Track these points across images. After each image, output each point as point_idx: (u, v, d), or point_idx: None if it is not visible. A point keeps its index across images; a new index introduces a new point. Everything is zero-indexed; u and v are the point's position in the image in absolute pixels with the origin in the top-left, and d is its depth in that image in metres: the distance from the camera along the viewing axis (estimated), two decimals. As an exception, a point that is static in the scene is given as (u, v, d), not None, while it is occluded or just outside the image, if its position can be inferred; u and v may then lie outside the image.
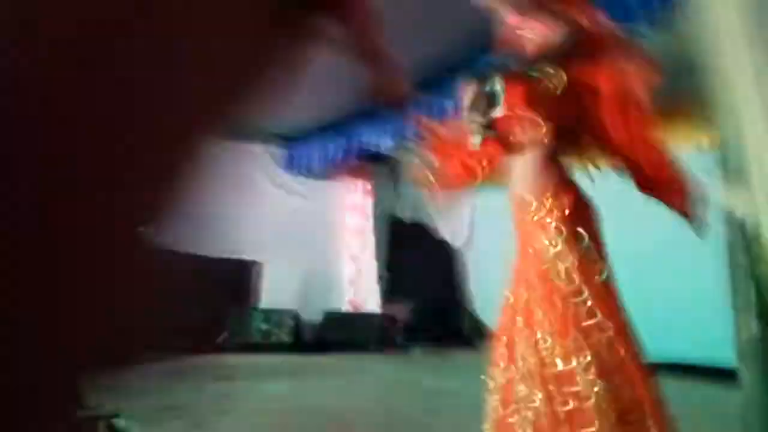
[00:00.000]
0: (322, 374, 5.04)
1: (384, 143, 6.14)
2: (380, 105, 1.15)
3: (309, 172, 7.33)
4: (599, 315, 1.54)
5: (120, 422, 2.75)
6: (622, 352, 1.52)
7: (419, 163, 1.98)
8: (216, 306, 6.87)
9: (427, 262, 7.42)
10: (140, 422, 3.08)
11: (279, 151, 7.55)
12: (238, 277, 7.39)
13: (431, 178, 1.97)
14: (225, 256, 7.00)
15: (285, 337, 6.64)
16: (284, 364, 5.78)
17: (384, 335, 6.75)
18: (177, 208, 0.61)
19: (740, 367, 0.69)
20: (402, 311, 7.39)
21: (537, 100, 1.60)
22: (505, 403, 1.65)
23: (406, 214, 7.32)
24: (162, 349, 6.68)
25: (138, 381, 4.57)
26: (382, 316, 6.88)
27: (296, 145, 7.41)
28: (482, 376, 1.75)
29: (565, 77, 1.54)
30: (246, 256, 7.25)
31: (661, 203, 1.67)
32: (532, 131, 1.66)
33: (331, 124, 6.83)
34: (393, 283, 7.34)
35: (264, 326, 6.64)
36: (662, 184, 1.65)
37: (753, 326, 0.69)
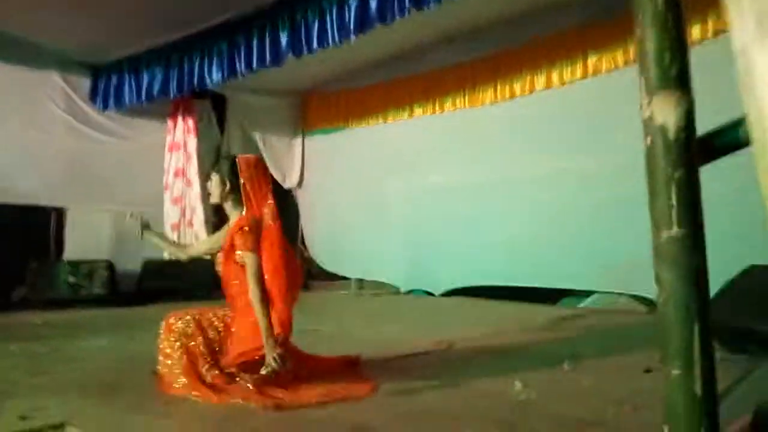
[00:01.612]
0: (145, 326, 4.60)
1: (212, 78, 5.62)
2: None
3: (120, 108, 6.48)
4: None
5: None
6: None
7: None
8: (10, 259, 5.91)
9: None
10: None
11: (83, 81, 6.56)
12: (37, 225, 6.41)
13: None
14: (17, 202, 6.03)
15: (98, 290, 5.98)
16: (99, 318, 5.21)
17: (213, 282, 6.39)
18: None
19: (658, 269, 0.72)
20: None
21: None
22: None
23: (232, 154, 6.90)
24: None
25: None
26: (210, 263, 6.49)
27: (104, 76, 6.49)
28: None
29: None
30: (45, 202, 6.30)
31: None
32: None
33: (149, 52, 6.07)
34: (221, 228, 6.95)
35: (72, 279, 5.89)
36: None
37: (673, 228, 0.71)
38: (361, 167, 7.45)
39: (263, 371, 2.38)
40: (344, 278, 7.66)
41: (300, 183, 8.07)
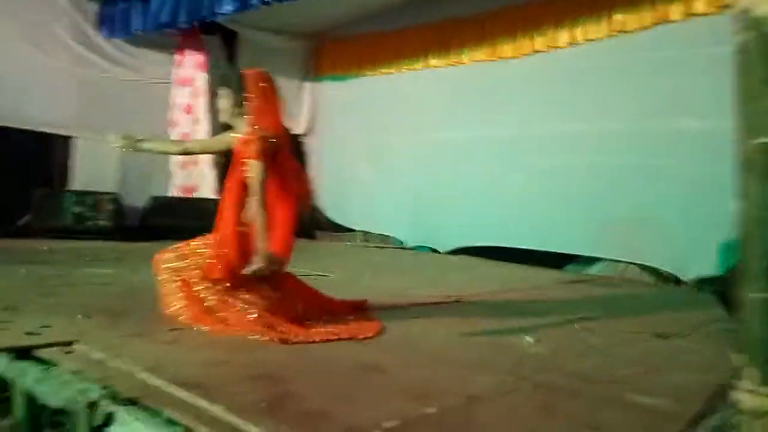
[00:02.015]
0: (149, 260, 4.58)
1: (223, 8, 5.42)
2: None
3: (128, 36, 6.29)
4: None
5: None
6: None
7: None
8: (15, 186, 5.86)
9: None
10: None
11: (91, 8, 6.35)
12: (43, 153, 6.33)
13: None
14: (24, 126, 5.93)
15: (103, 222, 5.93)
16: (104, 249, 5.20)
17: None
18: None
19: (744, 181, 0.64)
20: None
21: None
22: None
23: (240, 70, 6.75)
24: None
25: None
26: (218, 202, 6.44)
27: (112, 2, 6.28)
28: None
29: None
30: (51, 129, 6.20)
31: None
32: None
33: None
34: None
35: (77, 209, 5.84)
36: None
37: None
38: (371, 117, 7.29)
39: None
40: (349, 230, 7.61)
41: (309, 130, 7.94)
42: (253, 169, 2.46)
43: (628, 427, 1.55)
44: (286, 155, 2.62)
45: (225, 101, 2.62)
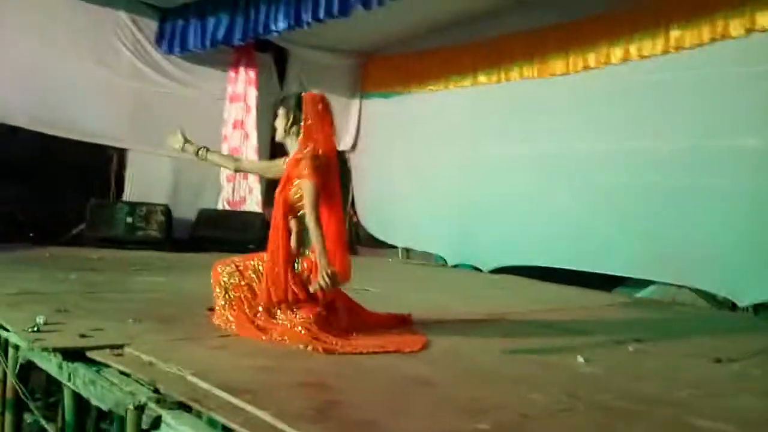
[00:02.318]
0: (198, 270, 4.64)
1: (277, 26, 5.55)
2: None
3: (185, 52, 6.50)
4: None
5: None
6: None
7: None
8: (71, 196, 6.09)
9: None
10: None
11: (150, 24, 6.61)
12: (99, 165, 6.57)
13: None
14: (82, 138, 6.17)
15: (154, 233, 6.08)
16: (155, 259, 5.31)
17: (265, 236, 6.43)
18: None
19: None
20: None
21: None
22: None
23: (298, 91, 6.88)
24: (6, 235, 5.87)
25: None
26: (264, 216, 6.53)
27: (171, 19, 6.52)
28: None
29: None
30: (106, 141, 6.43)
31: None
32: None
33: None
34: (275, 184, 6.96)
35: (129, 220, 6.01)
36: None
37: None
38: (417, 134, 7.29)
39: (312, 288, 2.40)
40: (391, 246, 7.59)
41: (354, 146, 8.00)
42: (305, 189, 2.48)
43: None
44: (335, 175, 2.65)
45: (281, 121, 2.67)
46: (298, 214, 2.59)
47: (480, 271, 6.45)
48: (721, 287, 4.81)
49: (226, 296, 2.55)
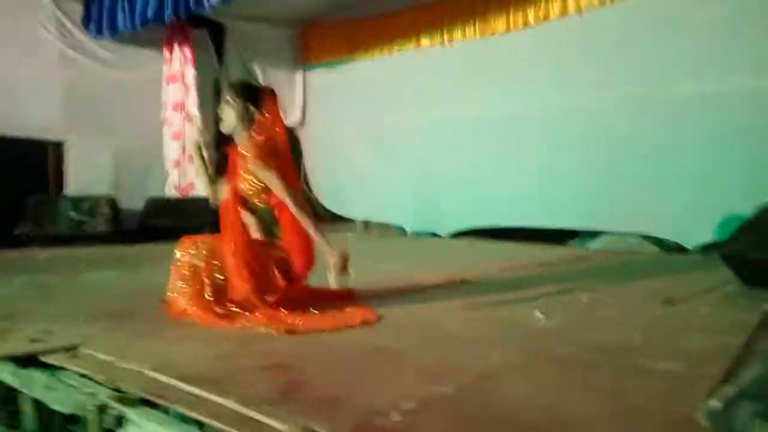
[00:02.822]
0: (150, 262, 4.53)
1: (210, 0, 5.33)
2: None
3: (114, 34, 6.20)
4: None
5: None
6: None
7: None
8: (10, 195, 5.80)
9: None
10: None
11: (74, 6, 6.25)
12: (35, 160, 6.26)
13: None
14: (14, 134, 5.86)
15: (101, 227, 5.88)
16: (104, 254, 5.14)
17: (216, 220, 6.30)
18: None
19: None
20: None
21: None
22: None
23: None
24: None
25: None
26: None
27: (98, 1, 6.18)
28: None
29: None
30: (41, 135, 6.12)
31: None
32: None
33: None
34: (226, 164, 6.80)
35: (74, 215, 5.79)
36: None
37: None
38: (365, 103, 7.23)
39: (333, 282, 2.47)
40: (349, 220, 7.57)
41: (302, 121, 7.87)
42: (270, 181, 2.45)
43: (650, 393, 1.52)
44: (285, 155, 2.60)
45: (230, 111, 2.56)
46: (252, 206, 2.55)
47: (439, 237, 6.53)
48: (669, 232, 5.02)
49: (189, 276, 2.45)
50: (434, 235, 6.61)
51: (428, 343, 2.10)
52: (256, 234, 2.59)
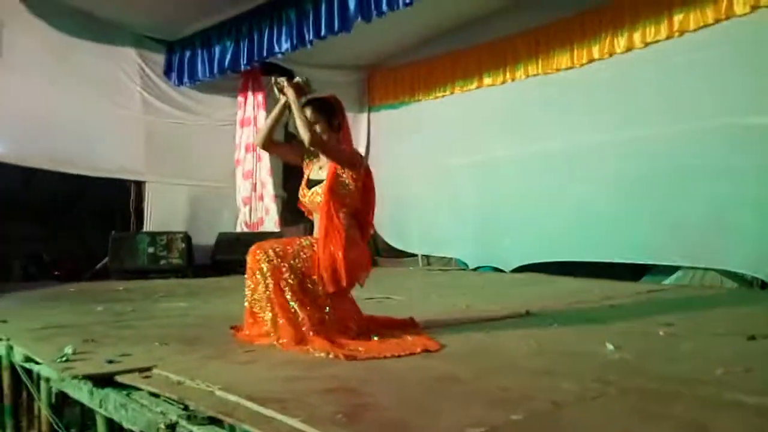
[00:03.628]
0: (220, 293, 4.69)
1: (281, 47, 5.62)
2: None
3: (193, 82, 6.61)
4: None
5: None
6: None
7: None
8: (93, 231, 6.20)
9: (324, 180, 7.15)
10: (27, 341, 2.64)
11: (157, 57, 6.74)
12: (118, 198, 6.68)
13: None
14: (100, 175, 6.29)
15: (175, 260, 6.15)
16: (179, 286, 5.36)
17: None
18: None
19: None
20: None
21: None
22: None
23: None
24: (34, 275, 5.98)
25: (13, 307, 4.01)
26: (282, 235, 6.56)
27: (178, 51, 6.64)
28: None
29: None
30: (124, 176, 6.54)
31: None
32: None
33: (220, 25, 6.15)
34: (291, 203, 7.01)
35: (151, 250, 6.09)
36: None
37: None
38: (427, 141, 7.31)
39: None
40: (411, 255, 7.57)
41: (366, 159, 8.02)
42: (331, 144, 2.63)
43: (738, 426, 1.42)
44: (371, 181, 2.78)
45: (317, 124, 2.65)
46: (343, 210, 2.64)
47: (502, 272, 6.40)
48: (749, 267, 4.72)
49: (263, 280, 2.47)
50: (496, 269, 6.50)
51: (493, 371, 2.04)
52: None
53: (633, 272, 5.47)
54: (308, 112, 2.66)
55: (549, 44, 6.03)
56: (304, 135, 2.55)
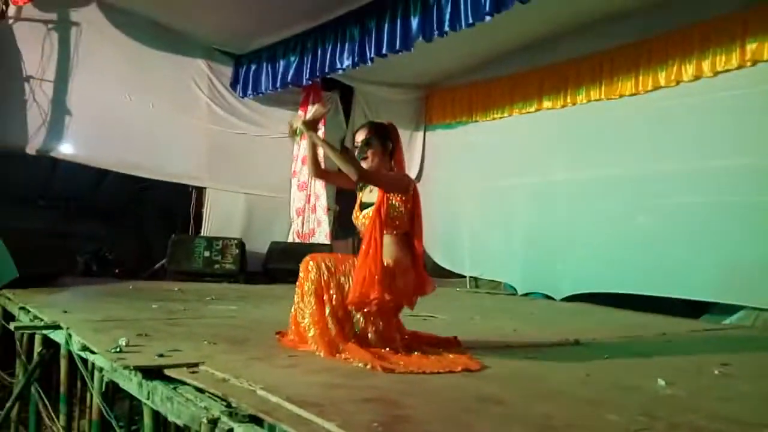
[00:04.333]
0: (270, 300, 4.79)
1: (342, 64, 5.75)
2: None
3: (257, 94, 6.85)
4: None
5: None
6: None
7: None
8: (155, 233, 6.47)
9: (377, 196, 7.22)
10: (85, 331, 2.78)
11: (225, 69, 7.02)
12: (180, 203, 6.95)
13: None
14: (166, 179, 6.57)
15: (229, 266, 6.33)
16: (230, 290, 5.51)
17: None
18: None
19: None
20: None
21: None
22: None
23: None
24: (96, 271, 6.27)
25: (75, 299, 4.23)
26: (332, 248, 6.66)
27: (245, 64, 6.90)
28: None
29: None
30: (187, 181, 6.80)
31: None
32: None
33: (286, 40, 6.36)
34: (343, 217, 7.11)
35: (207, 254, 6.29)
36: None
37: None
38: (482, 162, 7.27)
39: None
40: (459, 276, 7.51)
41: (419, 177, 8.05)
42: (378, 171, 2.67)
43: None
44: (418, 207, 2.77)
45: (372, 149, 2.69)
46: (394, 232, 2.67)
47: (552, 299, 6.26)
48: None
49: (311, 294, 2.52)
50: (546, 296, 6.35)
51: (536, 397, 2.00)
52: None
53: (693, 309, 5.23)
54: (364, 132, 2.72)
55: (613, 68, 5.92)
56: (349, 172, 2.57)
